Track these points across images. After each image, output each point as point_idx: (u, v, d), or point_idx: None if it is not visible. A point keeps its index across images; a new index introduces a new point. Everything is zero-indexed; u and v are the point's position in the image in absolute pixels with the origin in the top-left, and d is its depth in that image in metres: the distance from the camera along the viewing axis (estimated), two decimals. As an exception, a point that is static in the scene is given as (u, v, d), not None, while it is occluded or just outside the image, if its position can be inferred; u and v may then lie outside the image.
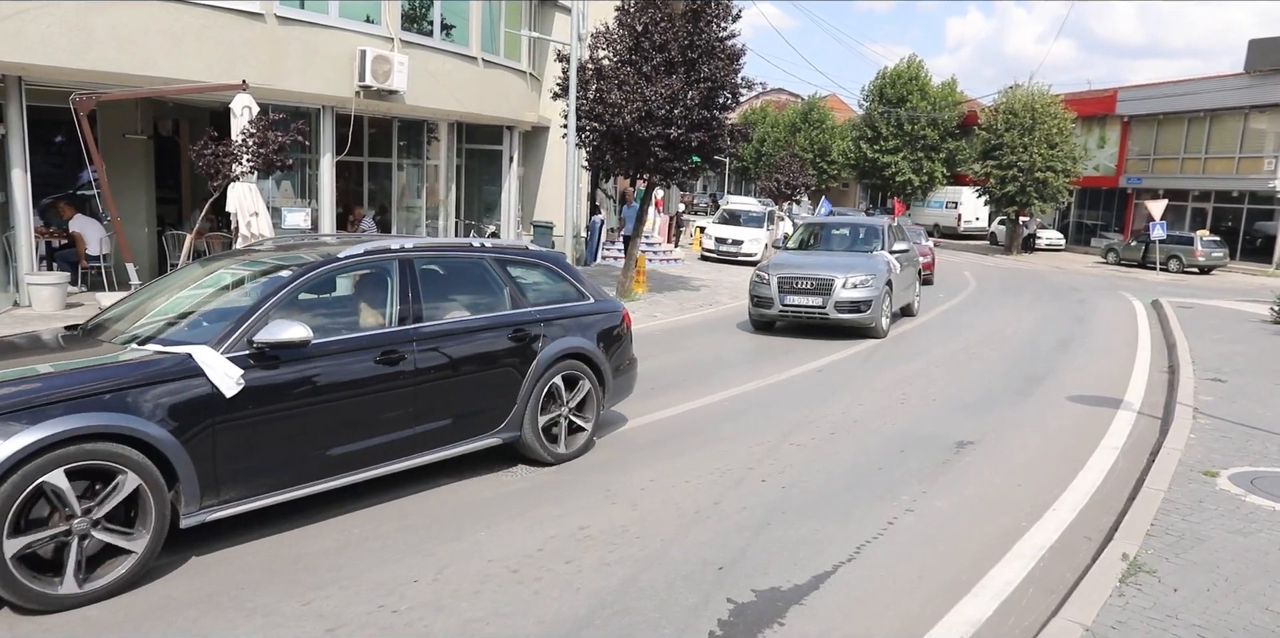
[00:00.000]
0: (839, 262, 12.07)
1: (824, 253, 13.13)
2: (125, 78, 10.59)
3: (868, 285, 11.54)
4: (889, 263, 12.23)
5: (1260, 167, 31.05)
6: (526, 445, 5.81)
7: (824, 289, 11.49)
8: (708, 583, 4.26)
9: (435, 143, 16.24)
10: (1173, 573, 4.22)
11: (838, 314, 11.47)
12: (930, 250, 21.20)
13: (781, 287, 11.72)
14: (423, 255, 5.45)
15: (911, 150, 43.07)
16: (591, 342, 6.21)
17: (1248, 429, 7.13)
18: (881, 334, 11.83)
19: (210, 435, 4.16)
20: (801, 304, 11.59)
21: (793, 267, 11.95)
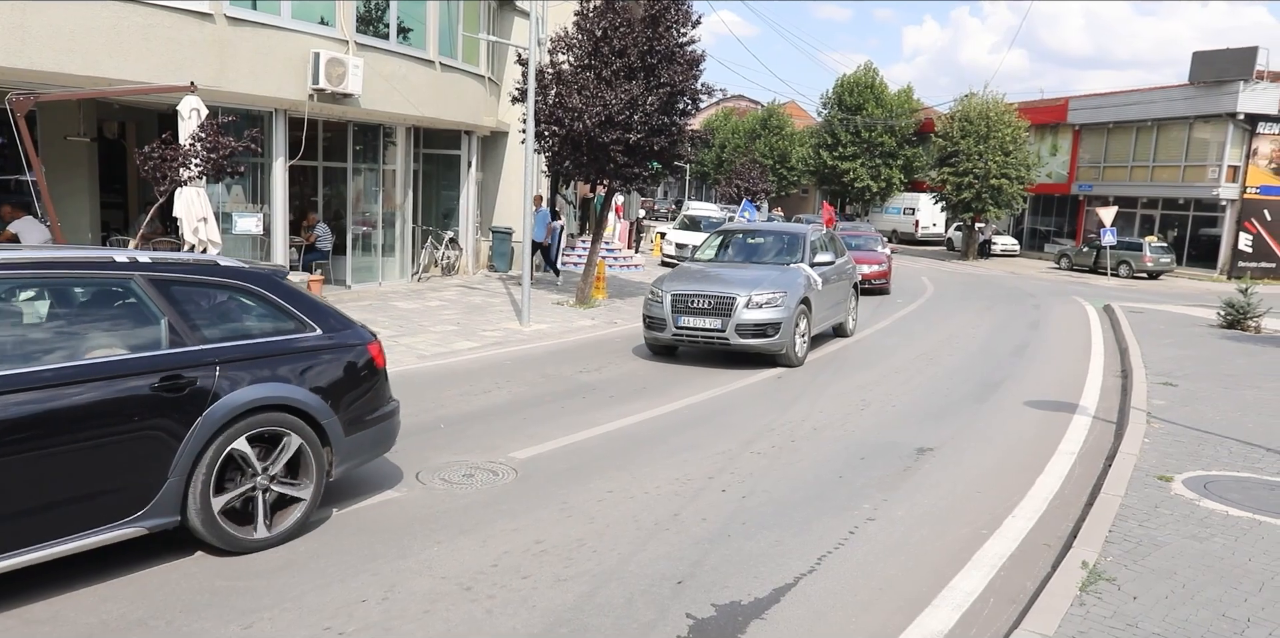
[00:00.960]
0: (746, 276, 10.37)
1: (734, 265, 11.25)
2: (66, 78, 10.24)
3: (776, 305, 9.79)
4: (808, 278, 10.60)
5: (1204, 175, 31.85)
6: (197, 532, 4.32)
7: (723, 309, 9.72)
8: (666, 598, 4.16)
9: (392, 148, 15.98)
10: (1131, 580, 4.21)
11: (740, 339, 9.69)
12: (887, 258, 20.12)
13: (675, 306, 9.91)
14: (15, 275, 4.00)
15: (869, 157, 43.60)
16: (304, 388, 4.69)
17: (1199, 433, 7.22)
18: (794, 362, 10.08)
19: None
20: (697, 327, 9.81)
21: (690, 282, 10.24)
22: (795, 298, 9.98)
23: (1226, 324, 14.76)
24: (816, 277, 10.79)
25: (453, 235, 18.07)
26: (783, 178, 49.75)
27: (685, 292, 10.03)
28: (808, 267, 10.86)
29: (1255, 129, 30.65)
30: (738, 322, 9.71)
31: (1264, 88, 30.06)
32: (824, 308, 11.14)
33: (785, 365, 10.07)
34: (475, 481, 5.78)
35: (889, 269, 19.66)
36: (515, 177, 19.18)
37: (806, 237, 11.58)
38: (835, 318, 11.97)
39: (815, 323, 10.74)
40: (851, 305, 12.79)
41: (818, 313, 10.80)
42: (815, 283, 10.66)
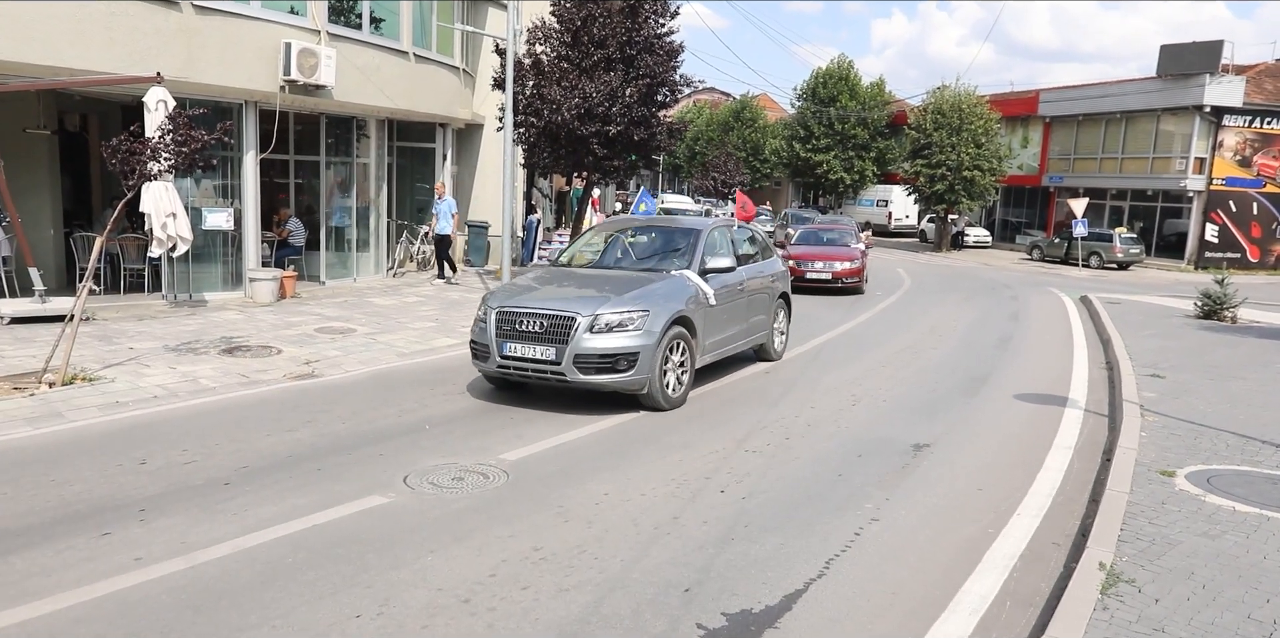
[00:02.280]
0: (603, 287, 7.82)
1: (599, 272, 8.69)
2: (24, 68, 9.84)
3: (632, 327, 7.24)
4: (697, 290, 8.11)
5: (1172, 167, 32.27)
6: None
7: (559, 333, 7.18)
8: (675, 607, 4.00)
9: (365, 140, 15.63)
10: (1151, 582, 4.12)
11: (581, 375, 7.13)
12: (861, 254, 18.21)
13: (501, 327, 7.42)
14: None
15: (842, 149, 43.70)
16: None
17: (1195, 426, 7.19)
18: (663, 404, 7.49)
19: None
20: (526, 357, 7.29)
21: (526, 294, 7.79)
22: (664, 318, 7.41)
23: (1203, 315, 14.89)
24: (706, 288, 8.18)
25: (428, 230, 17.75)
26: (755, 170, 49.75)
27: (514, 308, 7.45)
28: (695, 275, 8.24)
29: (1221, 122, 31.08)
30: (577, 351, 7.08)
31: (1229, 81, 30.47)
32: (722, 328, 8.61)
33: (652, 408, 7.50)
34: (466, 484, 5.58)
35: (863, 266, 17.91)
36: (491, 170, 18.89)
37: (700, 234, 8.86)
38: (747, 339, 9.36)
39: (707, 349, 8.32)
40: (779, 322, 10.17)
41: (711, 335, 8.33)
42: (705, 296, 8.12)
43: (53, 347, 7.69)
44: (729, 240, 9.38)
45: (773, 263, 10.24)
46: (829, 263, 17.35)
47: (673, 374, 7.69)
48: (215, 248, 12.92)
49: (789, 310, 10.59)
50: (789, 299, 10.56)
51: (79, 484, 5.30)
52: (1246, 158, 31.76)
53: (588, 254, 9.45)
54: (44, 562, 4.22)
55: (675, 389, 7.73)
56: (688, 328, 7.86)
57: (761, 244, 10.35)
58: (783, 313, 10.35)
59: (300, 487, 5.39)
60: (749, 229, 10.62)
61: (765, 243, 10.49)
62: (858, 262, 17.66)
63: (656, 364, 7.36)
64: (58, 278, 12.62)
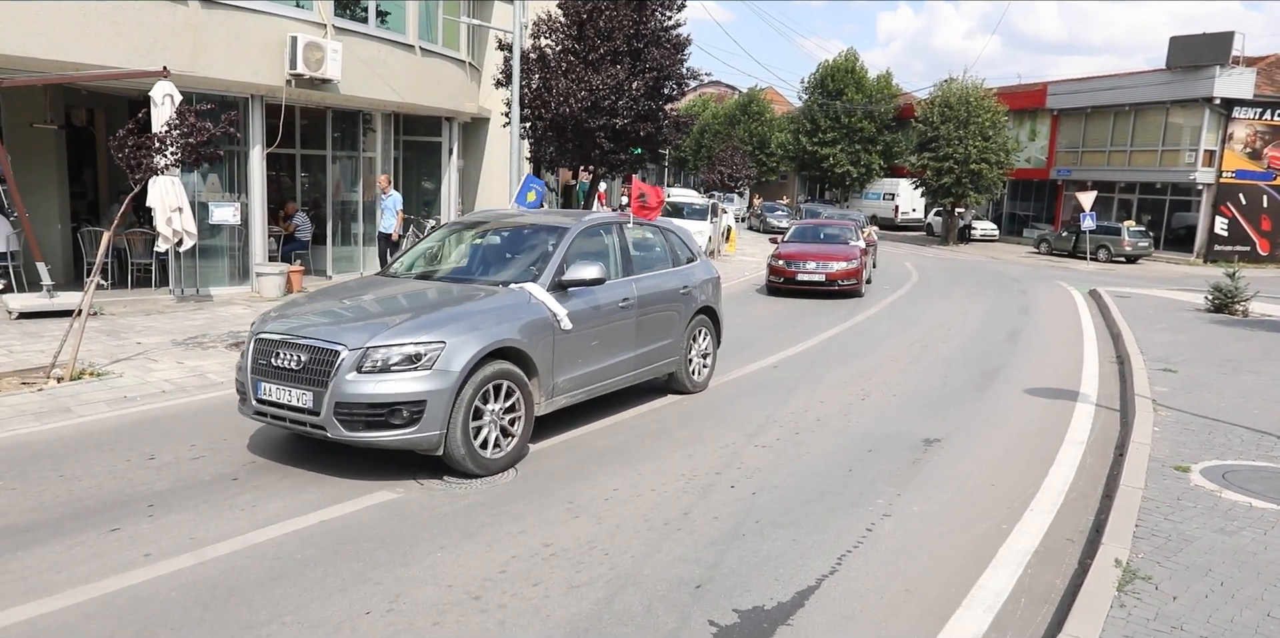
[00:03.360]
0: (393, 307, 6.00)
1: (411, 285, 6.67)
2: (31, 62, 9.82)
3: (414, 366, 5.28)
4: (544, 311, 6.13)
5: (1181, 159, 32.04)
6: None
7: (318, 371, 5.29)
8: (687, 604, 3.97)
9: (371, 134, 15.59)
10: (1168, 579, 4.08)
11: (345, 430, 5.22)
12: (860, 253, 16.25)
13: (257, 361, 5.59)
14: None
15: (849, 143, 43.52)
16: None
17: (1208, 421, 7.13)
18: (473, 468, 5.49)
19: None
20: (281, 402, 5.43)
21: (293, 315, 5.87)
22: (471, 351, 5.39)
23: (1214, 308, 14.78)
24: (557, 307, 6.17)
25: (435, 224, 17.70)
26: (762, 164, 49.57)
27: (273, 334, 5.58)
28: (542, 290, 6.20)
29: (1231, 114, 30.84)
30: (338, 397, 5.18)
31: (1240, 73, 30.23)
32: (592, 358, 6.61)
33: (463, 475, 5.54)
34: (475, 480, 5.56)
35: (860, 266, 15.90)
36: (497, 163, 18.84)
37: (565, 236, 6.74)
38: (642, 369, 7.31)
39: (562, 389, 6.31)
40: (699, 345, 8.20)
41: (568, 370, 6.34)
42: (557, 319, 6.15)
43: (60, 341, 7.68)
44: (614, 244, 7.30)
45: (687, 272, 8.09)
46: (823, 263, 15.65)
47: (492, 429, 5.60)
48: (222, 242, 12.91)
49: (717, 330, 8.56)
50: (716, 316, 8.52)
51: (87, 480, 5.29)
52: (1257, 150, 31.53)
53: (422, 261, 7.30)
54: (54, 558, 4.21)
55: (496, 449, 5.64)
56: (520, 363, 5.84)
57: (671, 248, 8.21)
58: (706, 333, 8.31)
59: (309, 482, 5.37)
60: (655, 228, 8.33)
61: (681, 246, 8.37)
62: (855, 262, 15.81)
63: (458, 416, 5.32)
64: (65, 273, 12.63)
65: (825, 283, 15.58)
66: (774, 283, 16.10)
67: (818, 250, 16.32)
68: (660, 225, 8.55)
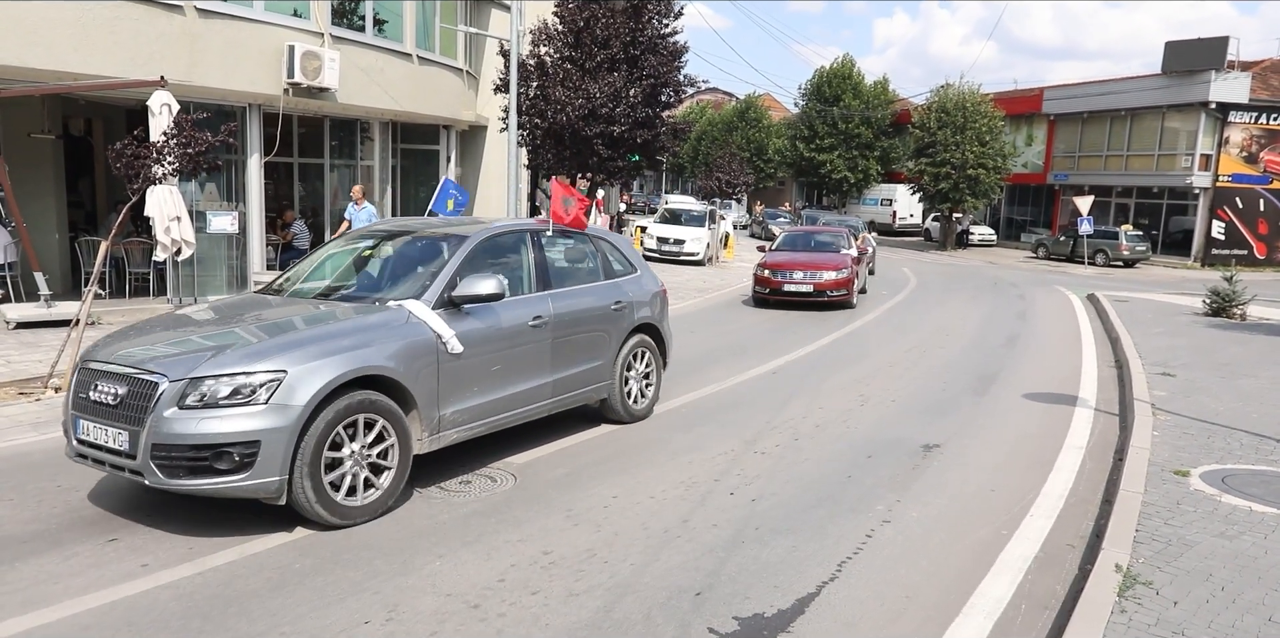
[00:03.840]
0: (235, 328, 5.19)
1: (279, 304, 5.82)
2: (28, 72, 9.84)
3: (246, 400, 4.49)
4: (425, 332, 5.29)
5: (1177, 163, 32.14)
6: None
7: (136, 406, 4.54)
8: (687, 612, 3.96)
9: (369, 143, 15.63)
10: (1169, 584, 4.07)
11: (164, 476, 4.47)
12: (852, 262, 15.51)
13: (77, 393, 4.89)
14: None
15: (846, 149, 43.62)
16: None
17: (1207, 425, 7.13)
18: (330, 518, 4.73)
19: None
20: (98, 443, 4.72)
21: (133, 339, 5.11)
22: (320, 382, 4.59)
23: (1212, 312, 14.80)
24: (442, 328, 5.33)
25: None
26: (759, 170, 49.65)
27: (100, 361, 4.85)
28: (425, 308, 5.37)
29: (1227, 118, 30.96)
30: (156, 437, 4.42)
31: (1235, 77, 30.36)
32: (493, 385, 5.74)
33: (321, 526, 4.78)
34: (474, 488, 5.55)
35: (851, 276, 15.05)
36: (495, 171, 18.87)
37: (464, 245, 5.90)
38: (563, 396, 6.46)
39: (453, 421, 5.47)
40: (639, 366, 7.36)
41: (461, 399, 5.50)
42: (443, 341, 5.31)
43: (58, 351, 7.67)
44: (528, 255, 6.43)
45: (621, 285, 7.22)
46: (811, 273, 14.81)
47: (357, 471, 4.85)
48: (220, 251, 12.90)
49: (661, 350, 7.68)
50: (661, 334, 7.64)
51: (85, 490, 5.28)
52: (1253, 154, 31.63)
53: (306, 276, 6.38)
54: (51, 568, 4.19)
55: (362, 495, 4.87)
56: (392, 393, 5.03)
57: (603, 259, 7.30)
58: (647, 354, 7.45)
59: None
60: (583, 237, 7.26)
61: (617, 256, 7.49)
62: (846, 271, 14.96)
63: (304, 459, 4.53)
64: (63, 282, 12.62)
65: (813, 294, 14.73)
66: (759, 294, 15.28)
67: (806, 259, 15.48)
68: (591, 234, 7.47)
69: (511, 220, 7.04)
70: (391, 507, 5.10)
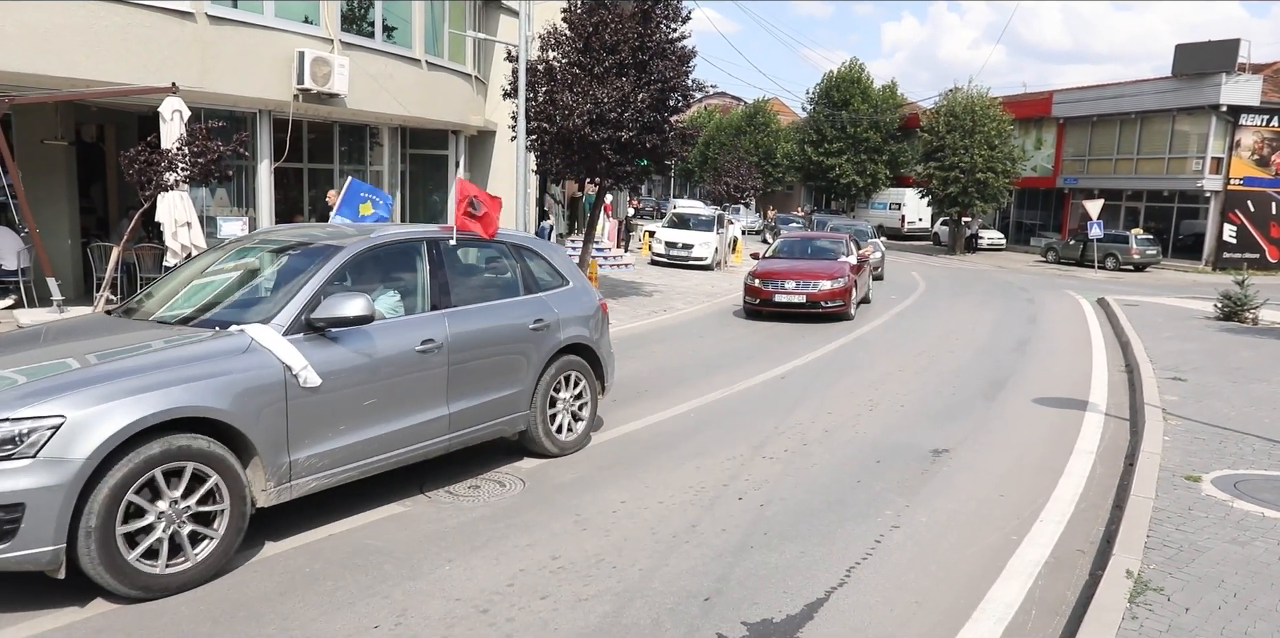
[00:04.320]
0: (36, 361, 4.40)
1: (128, 327, 5.07)
2: (42, 79, 9.91)
3: (14, 452, 3.67)
4: (272, 362, 4.51)
5: (1188, 167, 31.98)
6: None
7: None
8: (695, 617, 3.95)
9: (378, 148, 15.69)
10: (1180, 590, 4.05)
11: None
12: (850, 270, 14.48)
13: None
14: None
15: (855, 153, 43.53)
16: None
17: (1219, 430, 7.09)
18: (129, 591, 3.90)
19: None
20: None
21: None
22: (115, 426, 3.84)
23: (1224, 316, 14.71)
24: (295, 358, 4.54)
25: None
26: (768, 174, 49.58)
27: None
28: (274, 334, 4.59)
29: (1238, 121, 30.79)
30: None
31: (1246, 80, 30.20)
32: (366, 422, 4.91)
33: (125, 599, 3.99)
34: (482, 492, 5.56)
35: (848, 286, 13.92)
36: (503, 176, 18.90)
37: (334, 258, 5.07)
38: (462, 432, 5.57)
39: (313, 467, 4.68)
40: (569, 392, 6.46)
41: (323, 441, 4.70)
42: (293, 372, 4.51)
43: (70, 356, 7.70)
44: (422, 269, 5.54)
45: (545, 301, 6.28)
46: (804, 282, 13.74)
47: (177, 531, 4.06)
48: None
49: (599, 374, 6.78)
50: (598, 355, 6.72)
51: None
52: (1264, 157, 31.45)
53: (158, 294, 5.50)
54: (62, 573, 4.21)
55: (183, 561, 4.08)
56: (224, 438, 4.27)
57: (524, 271, 6.40)
58: (579, 379, 6.53)
59: (317, 495, 5.36)
60: (501, 246, 6.39)
61: (544, 267, 6.60)
62: (843, 280, 13.88)
63: (90, 523, 3.77)
64: (75, 288, 12.70)
65: (807, 305, 13.65)
66: (749, 305, 14.23)
67: (801, 267, 14.41)
68: (511, 241, 6.55)
69: (406, 228, 6.01)
70: (400, 511, 5.11)
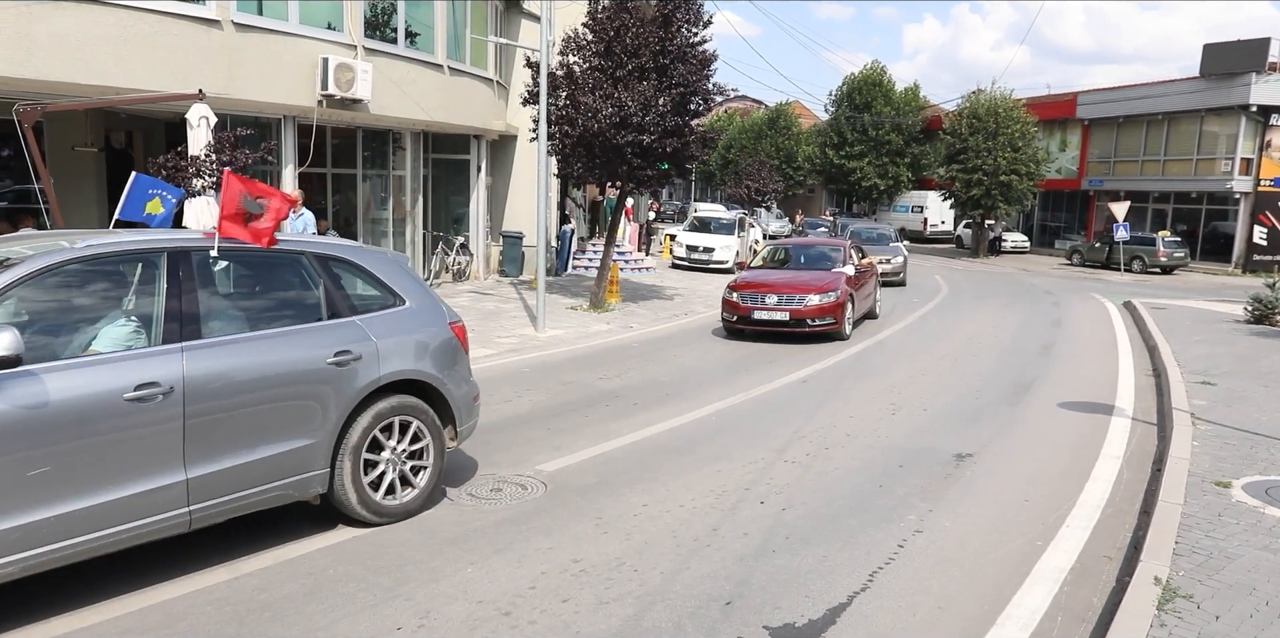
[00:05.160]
0: None
1: None
2: (72, 87, 10.07)
3: None
4: None
5: (1217, 168, 31.54)
6: None
7: None
8: (717, 621, 3.94)
9: (401, 153, 15.81)
10: (1210, 598, 3.99)
11: None
12: (847, 282, 12.58)
13: None
14: None
15: (877, 155, 43.32)
16: None
17: (1250, 435, 6.97)
18: None
19: None
20: None
21: None
22: None
23: (1254, 319, 14.48)
24: None
25: (463, 241, 17.88)
26: (789, 177, 49.44)
27: None
28: None
29: (1268, 121, 30.32)
30: None
31: (1277, 79, 29.73)
32: (33, 503, 3.64)
33: None
34: (504, 495, 5.58)
35: (841, 301, 12.05)
36: (525, 180, 19.00)
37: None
38: (215, 502, 4.26)
39: None
40: (388, 450, 5.00)
41: None
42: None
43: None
44: (159, 291, 4.29)
45: (356, 327, 4.89)
46: (788, 297, 11.88)
47: None
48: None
49: (445, 418, 5.35)
50: (445, 394, 5.28)
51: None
52: (1295, 158, 30.94)
53: None
54: (89, 572, 4.27)
55: None
56: None
57: (330, 287, 4.94)
58: (413, 425, 5.10)
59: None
60: (289, 256, 4.93)
61: (357, 282, 5.22)
62: (834, 294, 11.98)
63: None
64: (104, 292, 12.87)
65: (790, 323, 11.76)
66: (727, 322, 12.37)
67: (787, 279, 12.57)
68: (310, 250, 4.98)
69: (144, 235, 4.62)
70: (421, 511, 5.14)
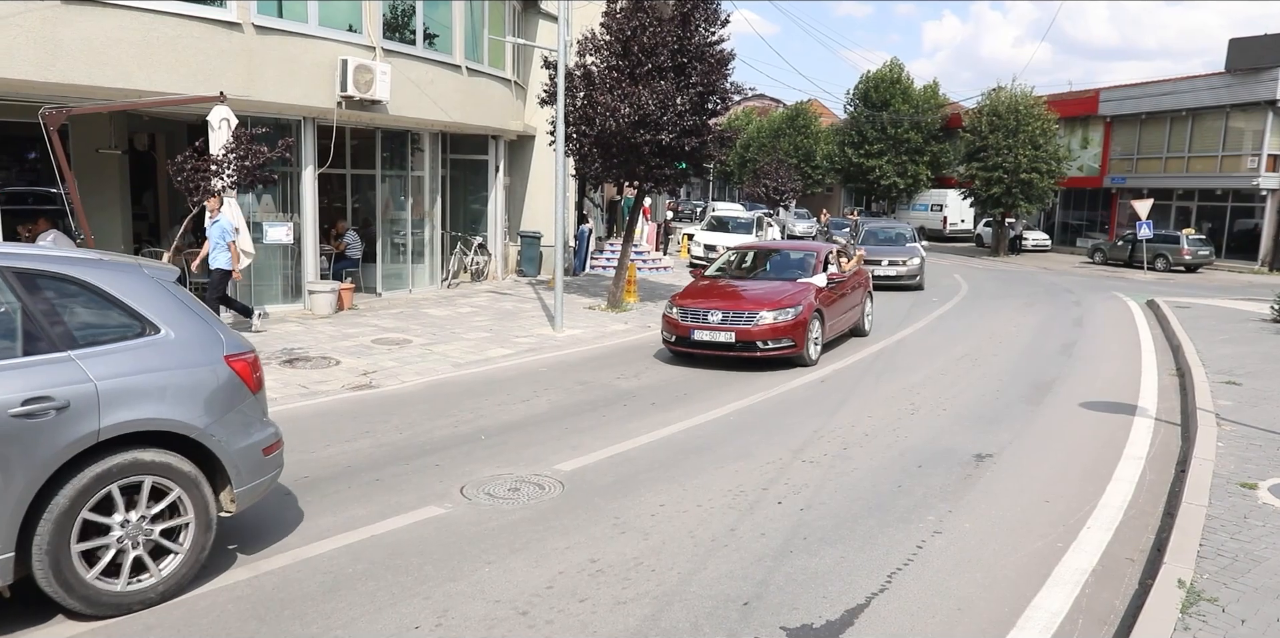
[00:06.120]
0: None
1: None
2: (97, 90, 10.20)
3: None
4: None
5: (1242, 164, 31.12)
6: None
7: None
8: (734, 622, 3.94)
9: (419, 153, 15.89)
10: (1235, 601, 3.93)
11: None
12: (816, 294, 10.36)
13: None
14: None
15: (896, 154, 43.08)
16: None
17: (1275, 436, 6.87)
18: None
19: None
20: None
21: None
22: None
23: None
24: None
25: (481, 241, 17.95)
26: (807, 176, 49.25)
27: None
28: None
29: (1296, 117, 29.88)
30: None
31: (1304, 74, 29.29)
32: None
33: None
34: (522, 495, 5.60)
35: (802, 318, 9.85)
36: (542, 180, 19.04)
37: None
38: None
39: None
40: (117, 519, 3.87)
41: None
42: None
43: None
44: None
45: (67, 366, 3.75)
46: (735, 314, 9.84)
47: None
48: (275, 261, 13.23)
49: (217, 478, 4.25)
50: (214, 450, 4.17)
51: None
52: (1323, 154, 30.47)
53: None
54: (115, 570, 4.32)
55: None
56: None
57: (26, 314, 3.78)
58: (163, 490, 4.01)
59: (359, 497, 5.45)
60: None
61: (82, 304, 4.03)
62: (794, 311, 9.83)
63: None
64: (128, 292, 13.02)
65: (736, 346, 9.77)
66: (667, 342, 10.38)
67: (738, 292, 10.70)
68: (3, 263, 3.83)
69: None
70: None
